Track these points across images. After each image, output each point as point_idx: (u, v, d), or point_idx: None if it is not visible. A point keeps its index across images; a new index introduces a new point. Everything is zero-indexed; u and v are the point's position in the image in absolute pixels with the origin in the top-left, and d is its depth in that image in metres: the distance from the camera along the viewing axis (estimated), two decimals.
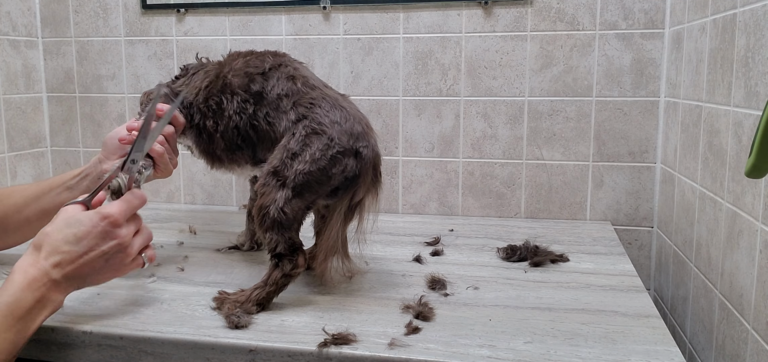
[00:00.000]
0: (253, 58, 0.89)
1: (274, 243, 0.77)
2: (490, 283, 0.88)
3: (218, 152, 0.90)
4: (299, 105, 0.82)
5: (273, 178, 0.77)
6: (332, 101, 0.82)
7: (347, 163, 0.78)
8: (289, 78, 0.85)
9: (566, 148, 1.23)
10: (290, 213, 0.76)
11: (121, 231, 0.71)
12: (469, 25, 1.23)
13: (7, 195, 0.91)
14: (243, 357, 0.69)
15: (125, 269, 0.73)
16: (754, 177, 0.50)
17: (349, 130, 0.79)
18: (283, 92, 0.83)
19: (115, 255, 0.71)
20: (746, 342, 0.75)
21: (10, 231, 0.91)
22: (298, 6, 1.29)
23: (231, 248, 1.04)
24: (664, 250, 1.15)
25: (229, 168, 0.92)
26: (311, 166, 0.76)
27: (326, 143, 0.77)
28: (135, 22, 1.38)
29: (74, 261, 0.68)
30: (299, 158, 0.77)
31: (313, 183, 0.77)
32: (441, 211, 1.30)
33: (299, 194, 0.77)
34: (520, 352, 0.66)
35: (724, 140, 0.84)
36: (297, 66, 0.88)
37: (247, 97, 0.86)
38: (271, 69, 0.86)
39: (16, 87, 1.37)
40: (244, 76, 0.87)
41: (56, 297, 0.68)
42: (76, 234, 0.69)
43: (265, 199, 0.77)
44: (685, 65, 1.03)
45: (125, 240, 0.71)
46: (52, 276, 0.67)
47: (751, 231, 0.75)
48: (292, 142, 0.78)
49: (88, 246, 0.69)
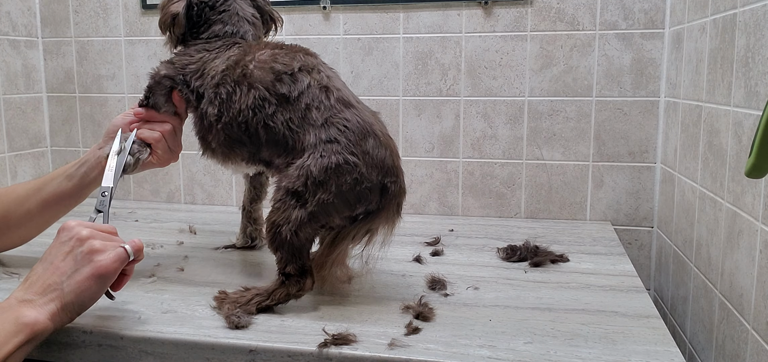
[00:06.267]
0: (282, 53, 0.82)
1: (283, 262, 0.75)
2: (490, 283, 0.88)
3: (213, 144, 0.84)
4: (332, 125, 0.76)
5: (292, 198, 0.74)
6: (366, 126, 0.77)
7: (373, 198, 0.76)
8: (323, 89, 0.79)
9: (566, 148, 1.23)
10: (303, 236, 0.74)
11: (73, 228, 0.69)
12: (469, 25, 1.23)
13: (9, 191, 0.90)
14: (243, 357, 0.69)
15: (104, 263, 0.68)
16: (754, 177, 0.50)
17: (380, 163, 0.76)
18: (313, 103, 0.78)
19: (77, 250, 0.68)
20: (746, 342, 0.75)
21: (13, 226, 0.90)
22: (298, 6, 1.29)
23: (227, 247, 1.03)
24: (664, 250, 1.15)
25: (221, 163, 0.88)
26: (335, 198, 0.74)
27: (356, 178, 0.74)
28: (135, 22, 1.38)
29: (41, 277, 0.67)
30: (324, 187, 0.73)
31: (333, 211, 0.75)
32: (441, 211, 1.30)
33: (315, 219, 0.75)
34: (520, 352, 0.66)
35: (724, 140, 0.84)
36: (330, 74, 0.82)
37: (267, 96, 0.79)
38: (301, 70, 0.80)
39: (16, 87, 1.37)
40: (270, 72, 0.80)
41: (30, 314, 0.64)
42: (43, 258, 0.69)
43: (278, 216, 0.74)
44: (685, 65, 1.03)
45: (82, 234, 0.69)
46: (19, 297, 0.66)
47: (751, 231, 0.75)
48: (317, 168, 0.74)
49: (51, 259, 0.68)
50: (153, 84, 0.88)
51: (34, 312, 0.64)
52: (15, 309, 0.64)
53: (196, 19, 0.89)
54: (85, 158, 0.89)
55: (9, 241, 0.93)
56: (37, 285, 0.66)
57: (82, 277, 0.67)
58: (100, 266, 0.68)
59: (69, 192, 0.88)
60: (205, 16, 0.89)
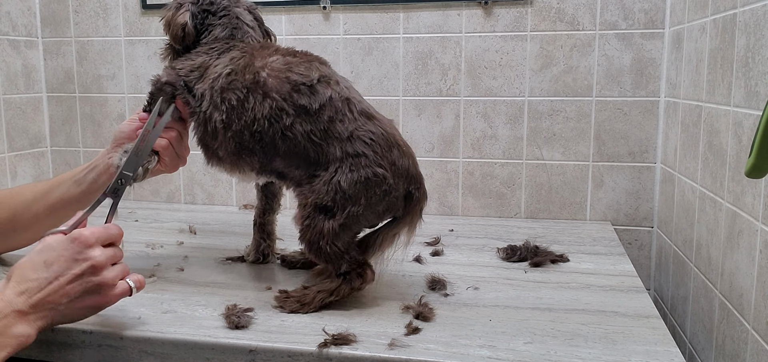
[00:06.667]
0: (296, 61, 0.82)
1: (337, 266, 0.77)
2: (490, 283, 0.88)
3: (220, 152, 0.83)
4: (357, 139, 0.77)
5: (320, 212, 0.76)
6: (389, 137, 0.78)
7: (399, 206, 0.79)
8: (345, 101, 0.79)
9: (566, 148, 1.23)
10: (341, 244, 0.76)
11: (92, 253, 0.66)
12: (469, 25, 1.23)
13: (17, 194, 0.90)
14: (243, 357, 0.69)
15: (108, 297, 0.68)
16: (754, 177, 0.50)
17: (405, 172, 0.78)
18: (337, 116, 0.78)
19: (88, 279, 0.66)
20: (746, 342, 0.75)
21: (20, 229, 0.90)
22: (298, 6, 1.29)
23: (235, 260, 0.98)
24: (664, 250, 1.15)
25: (228, 171, 0.86)
26: (365, 210, 0.76)
27: (385, 190, 0.76)
28: (135, 22, 1.38)
29: (43, 289, 0.63)
30: (353, 200, 0.75)
31: (362, 220, 0.78)
32: (441, 211, 1.30)
33: (346, 228, 0.76)
34: (520, 353, 0.66)
35: (724, 140, 0.84)
36: (348, 85, 0.82)
37: (285, 106, 0.78)
38: (319, 81, 0.79)
39: (16, 87, 1.37)
40: (287, 83, 0.79)
41: (21, 329, 0.62)
42: (46, 260, 0.65)
43: (311, 234, 0.76)
44: (685, 65, 1.03)
45: (98, 261, 0.66)
46: (15, 306, 0.62)
47: (751, 231, 0.75)
48: (346, 181, 0.75)
49: (58, 271, 0.64)
50: (155, 91, 0.87)
51: (26, 328, 0.62)
52: (8, 319, 0.62)
53: (199, 27, 0.90)
54: (94, 163, 0.88)
55: (15, 243, 0.93)
56: (34, 296, 0.63)
57: (84, 305, 0.67)
58: (105, 301, 0.68)
59: (77, 197, 0.87)
60: (207, 22, 0.89)
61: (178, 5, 0.90)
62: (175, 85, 0.85)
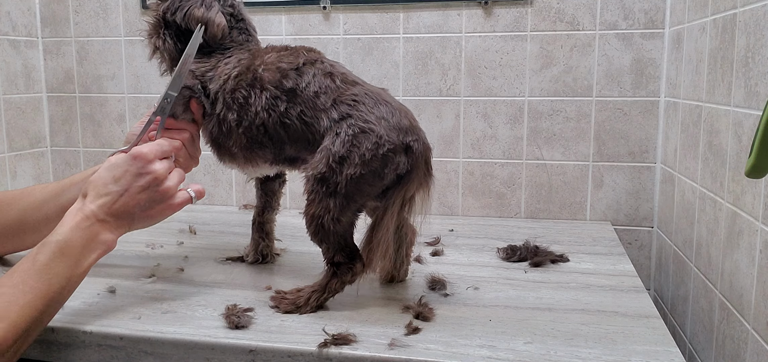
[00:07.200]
0: (287, 53, 0.84)
1: (331, 252, 0.76)
2: (490, 283, 0.88)
3: (234, 149, 0.84)
4: (341, 103, 0.77)
5: (321, 185, 0.74)
6: (375, 96, 0.78)
7: (399, 160, 0.75)
8: (327, 75, 0.80)
9: (566, 148, 1.23)
10: (345, 222, 0.75)
11: (153, 166, 0.75)
12: (469, 25, 1.23)
13: (27, 195, 0.90)
14: (243, 357, 0.69)
15: (172, 203, 0.77)
16: (754, 177, 0.50)
17: (397, 125, 0.76)
18: (320, 89, 0.79)
19: (154, 189, 0.75)
20: (746, 342, 0.75)
21: (29, 230, 0.90)
22: (298, 6, 1.29)
23: (235, 260, 0.98)
24: (664, 250, 1.15)
25: (241, 166, 0.87)
26: (362, 169, 0.73)
27: (375, 142, 0.74)
28: (135, 22, 1.38)
29: (117, 201, 0.73)
30: (348, 162, 0.73)
31: (365, 185, 0.75)
32: (441, 211, 1.30)
33: (351, 199, 0.75)
34: (520, 352, 0.66)
35: (724, 140, 0.84)
36: (333, 63, 0.84)
37: (278, 94, 0.80)
38: (305, 64, 0.82)
39: (16, 87, 1.37)
40: (277, 72, 0.81)
41: (106, 236, 0.72)
42: (114, 175, 0.74)
43: (316, 208, 0.75)
44: (685, 65, 1.03)
45: (159, 173, 0.75)
46: (98, 216, 0.72)
47: (751, 231, 0.75)
48: (337, 145, 0.74)
49: (126, 185, 0.74)
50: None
51: (111, 235, 0.73)
52: (95, 227, 0.72)
53: None
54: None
55: (22, 244, 0.92)
56: (113, 207, 0.73)
57: (153, 211, 0.76)
58: (170, 206, 0.77)
59: None
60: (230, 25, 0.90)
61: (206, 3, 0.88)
62: (192, 88, 0.85)
